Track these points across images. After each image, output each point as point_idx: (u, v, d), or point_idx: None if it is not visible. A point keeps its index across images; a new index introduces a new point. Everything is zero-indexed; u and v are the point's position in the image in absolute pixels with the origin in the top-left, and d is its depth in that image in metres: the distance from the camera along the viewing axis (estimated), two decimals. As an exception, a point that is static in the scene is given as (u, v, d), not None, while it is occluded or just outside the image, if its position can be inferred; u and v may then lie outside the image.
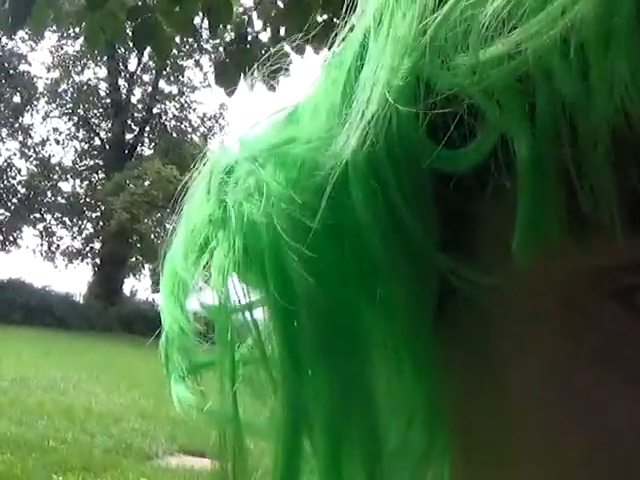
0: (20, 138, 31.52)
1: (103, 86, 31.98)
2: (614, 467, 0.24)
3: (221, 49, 4.63)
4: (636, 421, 0.24)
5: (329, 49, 0.33)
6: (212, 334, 0.33)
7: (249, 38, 4.27)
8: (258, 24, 4.35)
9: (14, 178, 30.95)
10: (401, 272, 0.28)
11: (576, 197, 0.23)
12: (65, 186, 31.87)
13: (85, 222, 31.49)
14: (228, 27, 4.26)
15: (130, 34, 3.89)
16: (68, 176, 31.81)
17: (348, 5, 0.32)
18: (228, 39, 4.52)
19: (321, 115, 0.31)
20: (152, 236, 27.09)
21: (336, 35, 0.33)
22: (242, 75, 4.05)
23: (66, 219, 31.30)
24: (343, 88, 0.30)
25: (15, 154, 31.25)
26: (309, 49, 3.81)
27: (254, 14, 4.32)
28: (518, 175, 0.24)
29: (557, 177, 0.24)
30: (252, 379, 0.33)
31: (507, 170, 0.25)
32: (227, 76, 4.09)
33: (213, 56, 25.01)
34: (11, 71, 30.23)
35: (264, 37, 4.31)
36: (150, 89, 32.08)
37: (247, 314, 0.33)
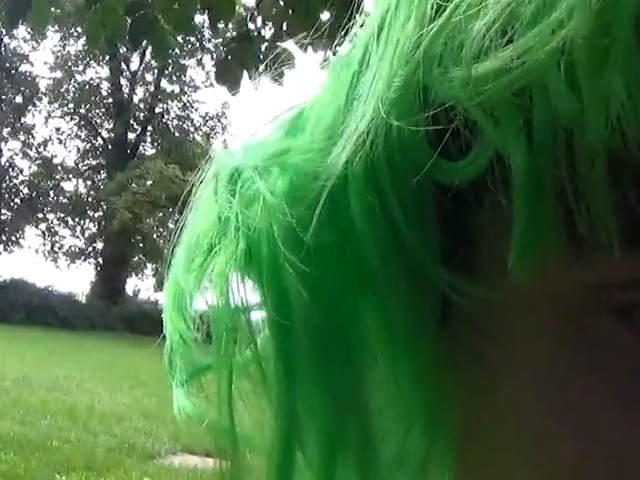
0: (22, 138, 31.53)
1: (105, 86, 31.99)
2: (608, 478, 0.24)
3: (222, 47, 4.61)
4: (629, 432, 0.24)
5: (333, 53, 0.33)
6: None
7: (250, 35, 4.25)
8: (259, 21, 4.33)
9: (16, 178, 31.00)
10: (400, 286, 0.28)
11: (573, 215, 0.23)
12: (67, 186, 31.96)
13: (87, 222, 31.51)
14: (230, 25, 4.24)
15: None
16: (70, 176, 31.82)
17: (353, 4, 0.32)
18: (229, 37, 4.50)
19: (324, 122, 0.30)
20: (155, 236, 27.08)
21: (345, 34, 0.32)
22: (244, 73, 4.03)
23: (68, 219, 31.32)
24: (346, 95, 0.29)
25: (17, 154, 31.31)
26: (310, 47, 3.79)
27: (255, 12, 4.30)
28: (514, 192, 0.24)
29: (554, 195, 0.23)
30: (249, 389, 0.33)
31: (503, 185, 0.24)
32: (229, 74, 4.07)
33: (215, 55, 24.97)
34: (13, 71, 30.23)
35: (266, 34, 4.29)
36: (152, 88, 32.05)
37: (245, 323, 0.32)
